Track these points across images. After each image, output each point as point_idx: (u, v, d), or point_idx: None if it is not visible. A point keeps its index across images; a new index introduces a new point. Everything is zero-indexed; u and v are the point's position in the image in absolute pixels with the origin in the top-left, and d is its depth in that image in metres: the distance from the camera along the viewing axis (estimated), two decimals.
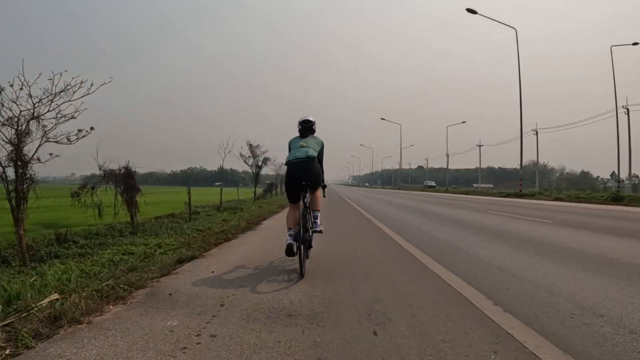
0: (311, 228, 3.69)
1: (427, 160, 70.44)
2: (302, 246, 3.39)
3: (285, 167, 3.82)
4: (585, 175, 63.81)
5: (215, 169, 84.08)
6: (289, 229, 3.49)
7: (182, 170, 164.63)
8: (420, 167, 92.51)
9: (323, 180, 3.94)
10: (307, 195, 3.69)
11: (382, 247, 5.10)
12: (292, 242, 3.35)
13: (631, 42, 24.40)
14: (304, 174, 3.64)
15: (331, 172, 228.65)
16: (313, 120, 3.96)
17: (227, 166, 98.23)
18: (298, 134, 3.96)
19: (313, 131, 3.98)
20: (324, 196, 4.10)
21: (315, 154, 3.74)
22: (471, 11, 23.55)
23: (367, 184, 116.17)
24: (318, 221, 3.77)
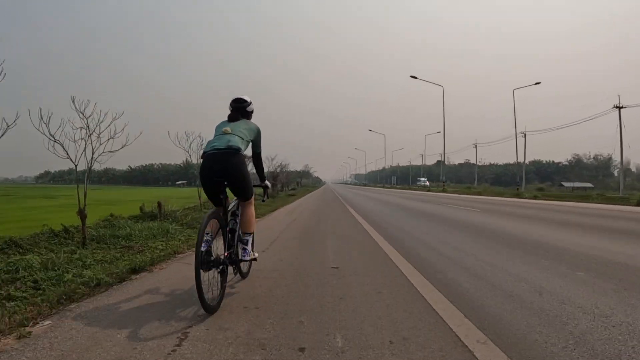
0: (241, 257, 2.74)
1: (479, 149, 55.60)
2: (212, 269, 2.40)
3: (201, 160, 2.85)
4: None
5: (180, 163, 65.33)
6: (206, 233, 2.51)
7: (142, 166, 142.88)
8: (439, 162, 78.48)
9: (264, 179, 3.23)
10: (234, 202, 2.83)
11: None
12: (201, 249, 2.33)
13: None
14: (221, 171, 2.61)
15: (330, 172, 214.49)
16: (248, 100, 2.96)
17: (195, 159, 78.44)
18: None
19: (247, 114, 2.97)
20: (263, 200, 3.58)
21: (241, 145, 2.70)
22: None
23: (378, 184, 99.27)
24: (248, 247, 2.76)
